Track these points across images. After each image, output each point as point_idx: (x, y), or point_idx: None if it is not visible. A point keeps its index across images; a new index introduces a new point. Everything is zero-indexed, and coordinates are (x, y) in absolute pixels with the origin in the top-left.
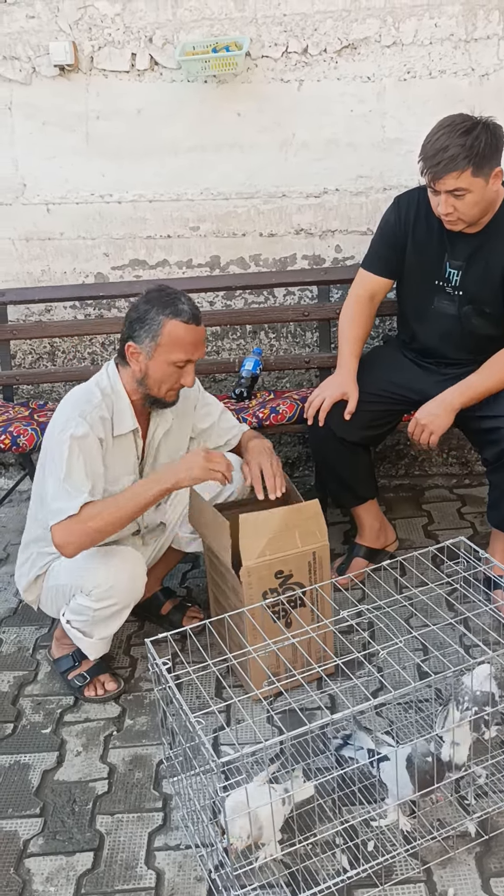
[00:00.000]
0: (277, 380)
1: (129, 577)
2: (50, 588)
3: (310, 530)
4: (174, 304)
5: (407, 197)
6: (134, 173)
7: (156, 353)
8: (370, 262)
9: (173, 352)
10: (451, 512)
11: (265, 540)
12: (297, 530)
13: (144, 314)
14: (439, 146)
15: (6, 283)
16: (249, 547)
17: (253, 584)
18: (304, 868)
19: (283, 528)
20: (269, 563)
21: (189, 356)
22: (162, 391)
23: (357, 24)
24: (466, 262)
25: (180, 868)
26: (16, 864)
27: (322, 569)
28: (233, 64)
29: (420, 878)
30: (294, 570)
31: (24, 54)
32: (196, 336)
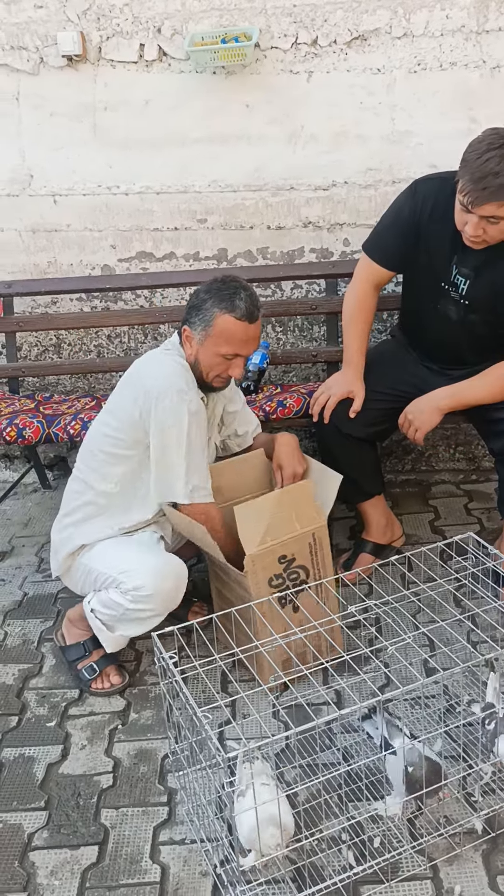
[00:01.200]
0: (284, 373)
1: (173, 588)
2: (83, 566)
3: (306, 511)
4: (231, 300)
5: (426, 186)
6: (141, 165)
7: (206, 342)
8: (375, 249)
9: (222, 345)
10: (458, 507)
11: (264, 526)
12: (294, 512)
13: (201, 303)
14: (488, 170)
15: (12, 274)
16: (250, 535)
17: (258, 571)
18: (309, 864)
19: (279, 511)
20: (272, 548)
21: (237, 351)
22: (210, 377)
23: (367, 16)
24: (475, 272)
25: (185, 863)
26: (20, 857)
27: (322, 549)
28: (242, 55)
29: (426, 874)
30: (296, 554)
31: (31, 44)
32: (247, 333)
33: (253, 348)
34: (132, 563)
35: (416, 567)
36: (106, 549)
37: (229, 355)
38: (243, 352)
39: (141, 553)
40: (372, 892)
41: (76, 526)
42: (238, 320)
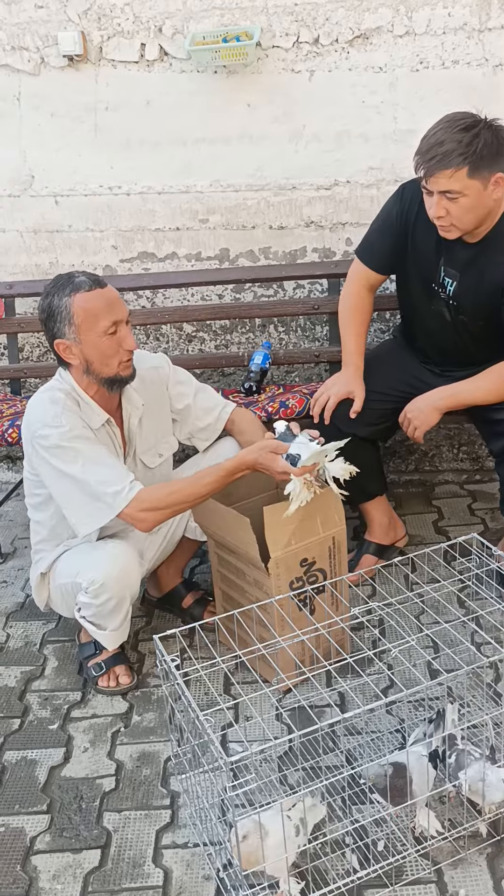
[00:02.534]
0: (287, 374)
1: (120, 572)
2: (56, 588)
3: (329, 515)
4: (69, 283)
5: (412, 187)
6: (143, 165)
7: (81, 334)
8: (367, 253)
9: (96, 322)
10: (462, 508)
11: (291, 529)
12: (319, 516)
13: (49, 307)
14: (435, 140)
15: (14, 275)
16: (276, 538)
17: (281, 574)
18: (313, 868)
19: (306, 515)
20: (296, 551)
21: (112, 318)
22: (112, 367)
23: (369, 14)
24: (461, 272)
25: (188, 866)
26: (22, 861)
27: (340, 553)
28: (243, 54)
29: (431, 878)
30: (317, 557)
31: (32, 44)
32: (107, 297)
33: (123, 310)
34: (81, 562)
35: (420, 568)
36: (63, 562)
37: (110, 328)
38: (117, 316)
39: (87, 551)
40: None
41: (38, 560)
42: (89, 291)
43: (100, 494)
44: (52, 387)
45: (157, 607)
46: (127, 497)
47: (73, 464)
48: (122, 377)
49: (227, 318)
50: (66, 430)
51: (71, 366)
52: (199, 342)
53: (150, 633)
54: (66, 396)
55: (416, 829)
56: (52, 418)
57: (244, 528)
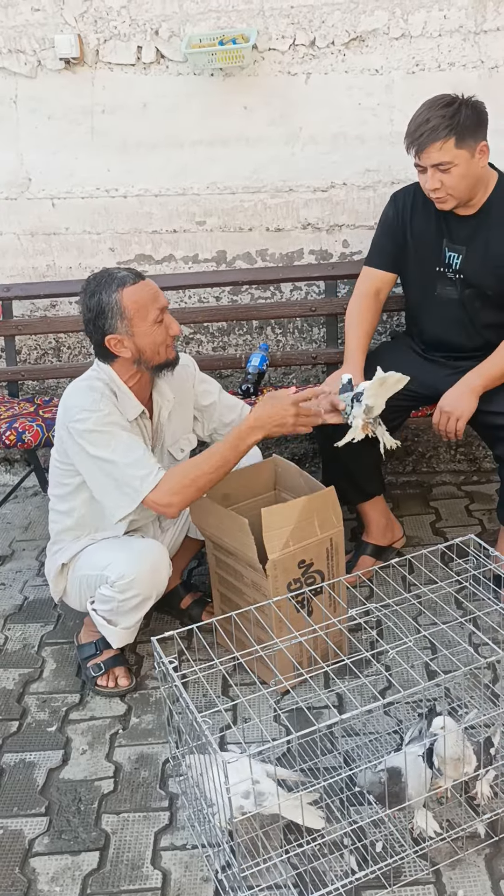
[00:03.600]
0: (284, 375)
1: (151, 569)
2: (75, 578)
3: (327, 517)
4: (112, 279)
5: (403, 192)
6: (139, 167)
7: (133, 325)
8: (372, 257)
9: (147, 313)
10: (460, 509)
11: (288, 530)
12: (316, 518)
13: (97, 306)
14: (421, 120)
15: (11, 278)
16: (274, 539)
17: (278, 576)
18: (311, 869)
19: (303, 517)
20: (293, 553)
21: (158, 305)
22: (162, 353)
23: (365, 16)
24: (466, 245)
25: (187, 868)
26: (21, 863)
27: (338, 554)
28: (239, 57)
29: (429, 879)
30: (314, 559)
31: (29, 47)
32: (150, 288)
33: (164, 298)
34: (111, 556)
35: (417, 569)
36: (89, 554)
37: (158, 317)
38: (163, 304)
39: (118, 546)
40: None
41: (58, 551)
42: (133, 285)
43: (129, 478)
44: (90, 376)
45: (154, 609)
46: (154, 480)
47: (106, 447)
48: (171, 361)
49: (224, 321)
50: (104, 415)
51: (115, 359)
52: (196, 344)
53: (149, 635)
54: (104, 386)
55: (415, 830)
56: (90, 403)
57: (242, 529)
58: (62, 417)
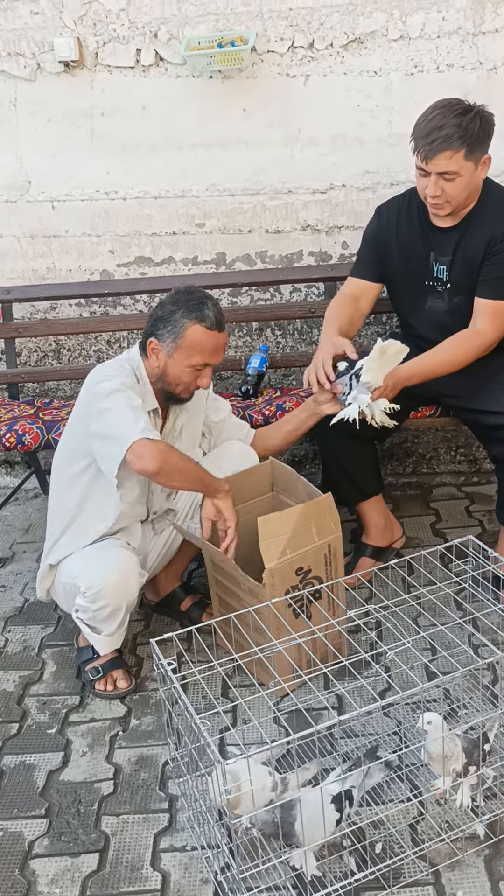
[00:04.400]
0: (284, 377)
1: (119, 579)
2: (59, 584)
3: (325, 523)
4: (199, 309)
5: (387, 206)
6: (139, 170)
7: (175, 353)
8: (356, 269)
9: (193, 356)
10: (460, 510)
11: (286, 538)
12: (314, 525)
13: (170, 315)
14: (434, 125)
15: (11, 280)
16: (271, 548)
17: (276, 584)
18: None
19: (301, 524)
20: (291, 561)
21: (207, 360)
22: (178, 389)
23: (364, 18)
24: (452, 255)
25: (186, 870)
26: (21, 865)
27: (337, 560)
28: (238, 59)
29: (428, 880)
30: (312, 565)
31: (28, 50)
32: (217, 342)
33: (219, 358)
34: (82, 566)
35: (417, 571)
36: (68, 562)
37: (199, 366)
38: (213, 361)
39: (91, 555)
40: None
41: (49, 551)
42: (208, 330)
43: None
44: (120, 359)
45: (155, 611)
46: (145, 432)
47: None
48: (179, 398)
49: None
50: (124, 380)
51: (147, 358)
52: None
53: (148, 636)
54: (131, 370)
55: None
56: (114, 371)
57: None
58: (87, 386)
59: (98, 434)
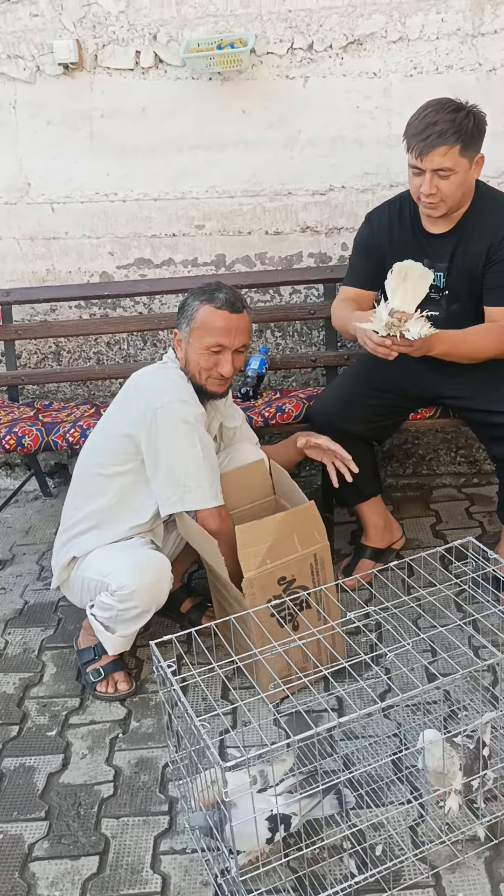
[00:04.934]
0: (284, 378)
1: (153, 582)
2: (78, 578)
3: (308, 532)
4: (211, 293)
5: (377, 211)
6: (138, 171)
7: (191, 337)
8: (350, 278)
9: (204, 336)
10: (460, 511)
11: (265, 548)
12: (296, 534)
13: (185, 305)
14: (428, 121)
15: (11, 282)
16: (249, 557)
17: (256, 593)
18: (311, 873)
19: (281, 533)
20: (271, 570)
21: (220, 340)
22: (203, 378)
23: (363, 20)
24: (449, 262)
25: (186, 872)
26: (20, 868)
27: (325, 570)
28: (237, 61)
29: (429, 882)
30: (297, 575)
31: (27, 53)
32: (228, 322)
33: (238, 341)
34: (114, 564)
35: (417, 572)
36: (95, 557)
37: (214, 347)
38: (226, 342)
39: (123, 554)
40: None
41: (72, 540)
42: (218, 309)
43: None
44: (169, 367)
45: (155, 613)
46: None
47: (194, 446)
48: (208, 391)
49: None
50: (196, 411)
51: (176, 352)
52: None
53: (148, 638)
54: (179, 376)
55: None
56: (186, 394)
57: (212, 547)
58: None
59: (167, 470)
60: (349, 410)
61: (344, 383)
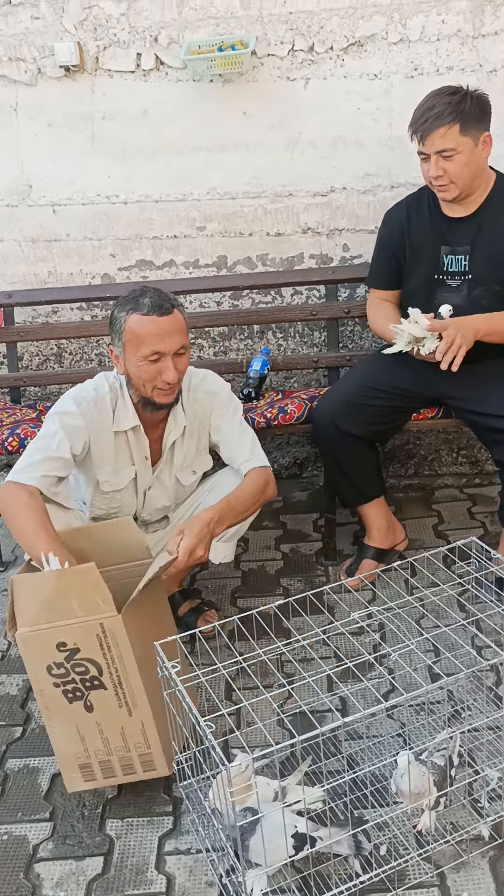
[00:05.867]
0: (286, 380)
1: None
2: None
3: (90, 598)
4: (136, 300)
5: (396, 209)
6: (140, 173)
7: (126, 352)
8: (376, 280)
9: (139, 346)
10: (462, 512)
11: (38, 605)
12: (75, 597)
13: (112, 318)
14: (426, 107)
15: (13, 284)
16: (24, 611)
17: (32, 655)
18: (315, 873)
19: (56, 592)
20: (46, 633)
21: (155, 348)
22: (147, 390)
23: (363, 21)
24: (472, 245)
25: (191, 872)
26: (25, 869)
27: (118, 646)
28: (238, 63)
29: (433, 882)
30: (80, 645)
31: (29, 55)
32: (158, 327)
33: (176, 343)
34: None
35: (420, 572)
36: None
37: (151, 356)
38: (162, 347)
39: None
40: None
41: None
42: (145, 315)
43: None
44: (104, 377)
45: None
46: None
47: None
48: (156, 403)
49: (225, 325)
50: (75, 413)
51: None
52: (197, 349)
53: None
54: (109, 389)
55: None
56: (79, 396)
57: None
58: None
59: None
60: (352, 412)
61: (346, 385)
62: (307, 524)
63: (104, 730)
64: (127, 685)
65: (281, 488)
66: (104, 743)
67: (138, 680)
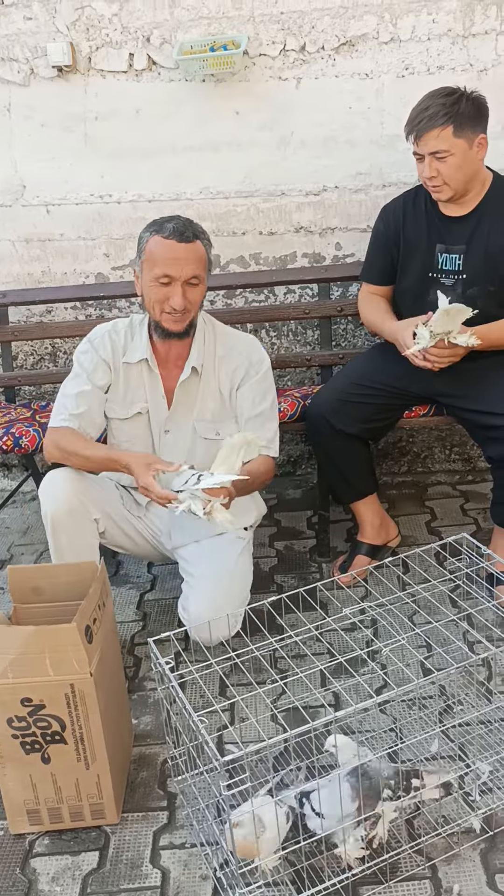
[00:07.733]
0: (279, 378)
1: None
2: None
3: (64, 658)
4: (161, 223)
5: (392, 205)
6: (133, 173)
7: (143, 271)
8: (368, 274)
9: (153, 267)
10: (454, 508)
11: (8, 660)
12: (48, 656)
13: (139, 237)
14: (421, 108)
15: (7, 284)
16: None
17: None
18: (308, 866)
19: (29, 650)
20: (13, 686)
21: (167, 270)
22: (157, 313)
23: (354, 21)
24: (467, 244)
25: (186, 866)
26: (21, 863)
27: (86, 705)
28: (230, 63)
29: (425, 874)
30: (47, 701)
31: (21, 56)
32: (175, 252)
33: (188, 272)
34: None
35: (412, 568)
36: None
37: (162, 278)
38: (174, 272)
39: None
40: (371, 892)
41: None
42: (165, 239)
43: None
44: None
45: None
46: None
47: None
48: (164, 328)
49: None
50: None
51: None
52: None
53: (146, 636)
54: (130, 325)
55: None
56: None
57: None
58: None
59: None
60: (345, 410)
61: (339, 383)
62: (301, 521)
63: (58, 780)
64: (88, 741)
65: (275, 486)
66: (56, 792)
67: (101, 737)
